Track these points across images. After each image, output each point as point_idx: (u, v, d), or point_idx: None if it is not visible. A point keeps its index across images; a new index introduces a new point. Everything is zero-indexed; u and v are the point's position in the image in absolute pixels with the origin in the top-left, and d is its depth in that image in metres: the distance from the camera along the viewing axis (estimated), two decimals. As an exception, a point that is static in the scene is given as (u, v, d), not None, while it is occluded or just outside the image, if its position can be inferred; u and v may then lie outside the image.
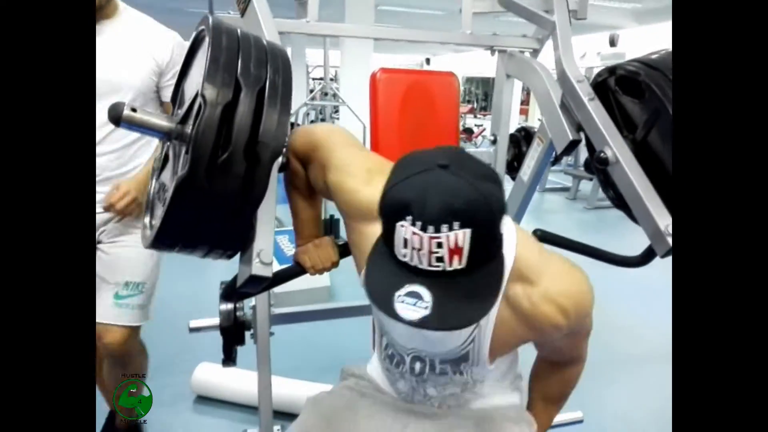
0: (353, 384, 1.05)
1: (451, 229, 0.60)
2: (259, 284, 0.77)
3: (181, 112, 0.76)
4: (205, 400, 2.09)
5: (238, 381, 2.05)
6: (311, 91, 10.74)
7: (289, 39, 9.79)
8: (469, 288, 0.63)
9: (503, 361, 0.92)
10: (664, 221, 1.01)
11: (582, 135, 1.22)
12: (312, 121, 7.66)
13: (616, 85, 1.13)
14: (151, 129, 0.74)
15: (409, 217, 0.61)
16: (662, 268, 1.18)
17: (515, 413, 0.95)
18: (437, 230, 0.60)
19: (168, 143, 0.84)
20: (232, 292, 0.85)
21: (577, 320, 0.79)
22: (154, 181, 0.90)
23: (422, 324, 0.61)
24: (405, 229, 0.61)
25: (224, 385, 2.08)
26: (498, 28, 1.76)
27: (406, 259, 0.63)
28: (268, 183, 0.71)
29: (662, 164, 1.05)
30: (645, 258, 1.14)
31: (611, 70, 1.13)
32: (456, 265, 0.62)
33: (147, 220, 0.85)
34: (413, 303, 0.62)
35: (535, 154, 1.40)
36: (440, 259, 0.61)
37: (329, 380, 1.91)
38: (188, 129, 0.70)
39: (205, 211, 0.69)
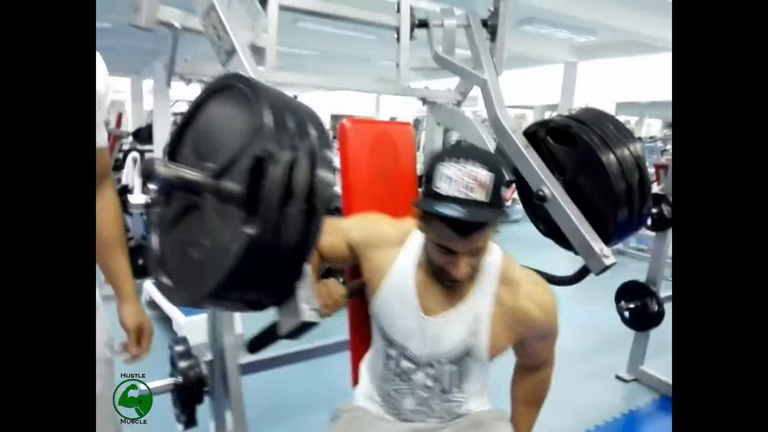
0: (351, 418, 1.09)
1: (482, 167, 0.83)
2: (306, 331, 0.79)
3: (213, 166, 0.74)
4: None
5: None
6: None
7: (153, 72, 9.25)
8: (485, 212, 0.84)
9: (481, 378, 1.06)
10: (599, 245, 1.25)
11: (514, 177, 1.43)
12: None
13: (547, 135, 1.36)
14: (183, 184, 0.73)
15: (448, 158, 0.84)
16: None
17: (498, 414, 1.10)
18: (471, 164, 0.83)
19: (188, 196, 0.79)
20: (263, 342, 0.86)
21: (548, 319, 1.00)
22: (158, 235, 0.86)
23: (459, 218, 0.81)
24: (445, 165, 0.84)
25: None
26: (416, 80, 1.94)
27: (442, 191, 0.83)
28: (320, 233, 0.75)
29: (590, 200, 1.29)
30: (578, 277, 1.36)
31: (542, 124, 1.36)
32: (479, 196, 0.83)
33: (163, 278, 0.82)
34: (450, 210, 0.82)
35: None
36: (468, 188, 0.82)
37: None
38: (230, 185, 0.70)
39: (268, 263, 0.70)
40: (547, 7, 4.29)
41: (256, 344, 0.93)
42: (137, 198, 3.31)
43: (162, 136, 1.43)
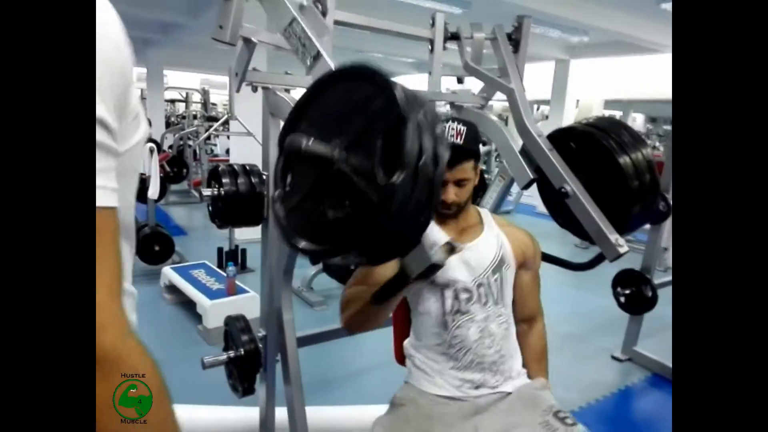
0: (414, 409, 1.23)
1: (459, 124, 1.22)
2: (435, 272, 0.87)
3: (341, 141, 0.78)
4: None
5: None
6: (180, 117, 10.10)
7: (146, 60, 9.27)
8: (462, 149, 1.21)
9: (515, 352, 1.28)
10: (614, 236, 1.45)
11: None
12: (180, 149, 7.35)
13: (570, 140, 1.55)
14: (319, 156, 0.76)
15: (444, 122, 1.21)
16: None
17: (540, 384, 1.29)
18: (453, 123, 1.23)
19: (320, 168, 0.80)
20: (391, 290, 0.95)
21: (534, 248, 1.34)
22: (284, 207, 0.88)
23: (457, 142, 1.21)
24: (448, 125, 1.22)
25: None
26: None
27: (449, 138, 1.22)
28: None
29: (607, 196, 1.49)
30: (594, 263, 1.57)
31: (566, 130, 1.56)
32: (458, 141, 1.20)
33: (302, 244, 0.84)
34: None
35: (497, 188, 1.78)
36: (451, 137, 1.21)
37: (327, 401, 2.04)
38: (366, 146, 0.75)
39: (410, 213, 0.74)
40: (539, 8, 4.49)
41: (382, 294, 1.01)
42: (154, 193, 3.42)
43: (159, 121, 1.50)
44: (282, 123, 1.47)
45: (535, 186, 1.65)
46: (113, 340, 0.44)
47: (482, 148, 6.08)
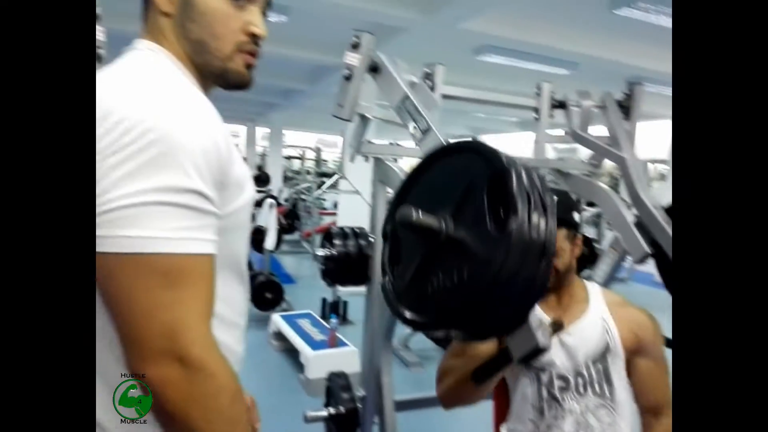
0: None
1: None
2: (539, 356, 0.82)
3: (446, 210, 0.78)
4: None
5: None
6: (295, 172, 10.98)
7: (268, 121, 10.27)
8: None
9: (623, 385, 1.18)
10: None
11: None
12: (294, 202, 7.90)
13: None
14: (425, 229, 0.76)
15: None
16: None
17: None
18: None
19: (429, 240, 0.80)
20: (491, 369, 0.94)
21: (654, 330, 1.19)
22: (392, 274, 0.89)
23: None
24: None
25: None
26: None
27: None
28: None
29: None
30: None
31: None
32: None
33: (405, 312, 0.84)
34: None
35: (609, 260, 1.71)
36: None
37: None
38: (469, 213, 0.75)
39: (519, 282, 0.71)
40: (651, 67, 4.32)
41: (481, 373, 0.98)
42: (271, 244, 3.70)
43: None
44: (389, 189, 1.58)
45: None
46: (198, 352, 0.56)
47: (592, 210, 5.85)
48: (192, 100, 0.64)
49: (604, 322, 1.19)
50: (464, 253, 0.74)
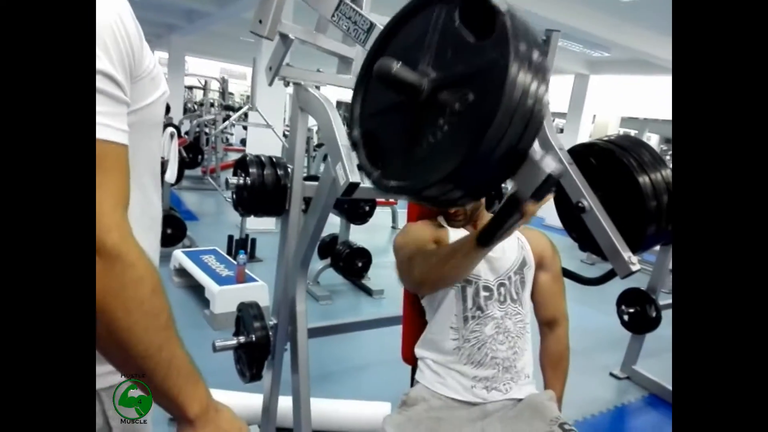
0: (426, 408, 1.26)
1: None
2: (550, 188, 0.75)
3: (425, 62, 0.75)
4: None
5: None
6: (198, 104, 10.14)
7: (169, 45, 9.35)
8: None
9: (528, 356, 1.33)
10: (627, 253, 1.47)
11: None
12: (197, 136, 7.40)
13: (590, 156, 1.58)
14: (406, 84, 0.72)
15: None
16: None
17: (548, 395, 1.31)
18: None
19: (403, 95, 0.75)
20: (501, 222, 0.96)
21: (552, 249, 1.41)
22: (362, 128, 0.86)
23: None
24: None
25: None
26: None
27: None
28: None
29: (623, 214, 1.51)
30: (605, 278, 1.60)
31: (587, 146, 1.58)
32: None
33: (374, 172, 0.82)
34: None
35: (515, 198, 1.81)
36: None
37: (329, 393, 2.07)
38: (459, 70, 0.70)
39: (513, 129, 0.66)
40: (562, 20, 4.52)
41: (490, 229, 1.01)
42: (171, 176, 3.44)
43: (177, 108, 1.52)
44: (310, 118, 1.52)
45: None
46: (114, 240, 0.52)
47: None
48: None
49: (518, 240, 1.36)
50: (454, 93, 0.69)
